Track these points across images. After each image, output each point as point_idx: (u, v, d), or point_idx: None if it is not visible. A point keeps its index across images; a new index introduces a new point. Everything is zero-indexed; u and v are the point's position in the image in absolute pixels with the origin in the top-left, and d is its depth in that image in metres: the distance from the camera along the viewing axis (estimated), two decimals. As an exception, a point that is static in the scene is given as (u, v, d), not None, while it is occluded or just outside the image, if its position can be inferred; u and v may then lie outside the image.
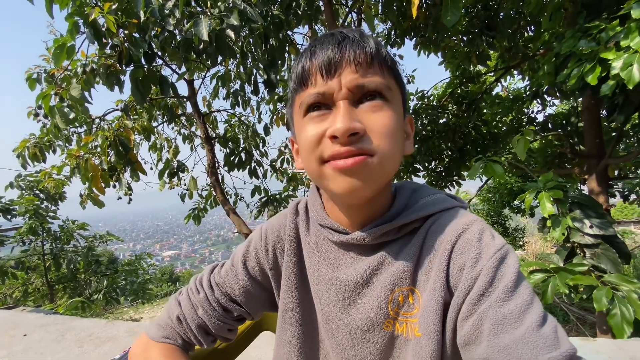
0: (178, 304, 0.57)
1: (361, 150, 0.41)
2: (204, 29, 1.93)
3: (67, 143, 3.47)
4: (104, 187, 3.17)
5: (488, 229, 0.45)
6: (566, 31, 2.03)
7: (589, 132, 2.87)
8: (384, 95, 0.44)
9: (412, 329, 0.45)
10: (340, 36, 0.45)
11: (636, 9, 1.41)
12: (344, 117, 0.41)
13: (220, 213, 30.65)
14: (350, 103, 0.43)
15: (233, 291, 0.57)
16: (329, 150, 0.42)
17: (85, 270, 5.16)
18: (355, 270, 0.49)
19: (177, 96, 3.07)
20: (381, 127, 0.43)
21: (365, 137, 0.42)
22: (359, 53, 0.43)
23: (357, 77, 0.43)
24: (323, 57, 0.44)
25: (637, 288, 1.49)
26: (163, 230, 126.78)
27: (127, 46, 2.27)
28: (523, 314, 0.37)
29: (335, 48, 0.44)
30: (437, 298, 0.43)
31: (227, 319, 0.56)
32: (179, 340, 0.56)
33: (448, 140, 4.37)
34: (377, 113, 0.43)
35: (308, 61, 0.45)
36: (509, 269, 0.40)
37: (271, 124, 4.00)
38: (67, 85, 2.49)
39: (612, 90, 1.69)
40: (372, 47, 0.44)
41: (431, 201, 0.50)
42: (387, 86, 0.44)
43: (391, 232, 0.48)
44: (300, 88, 0.46)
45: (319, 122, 0.44)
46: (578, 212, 1.93)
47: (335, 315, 0.51)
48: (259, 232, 0.59)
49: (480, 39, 3.66)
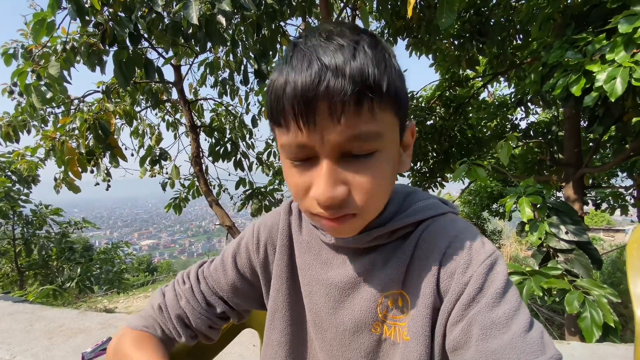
0: (162, 294, 0.56)
1: (345, 212, 0.40)
2: (194, 12, 1.86)
3: (42, 124, 3.31)
4: (80, 172, 3.04)
5: (479, 235, 0.46)
6: (554, 41, 2.08)
7: (568, 141, 2.98)
8: (374, 147, 0.38)
9: (400, 333, 0.45)
10: (321, 63, 0.34)
11: (623, 24, 1.45)
12: (327, 185, 0.37)
13: (202, 204, 30.40)
14: (334, 161, 0.37)
15: (220, 286, 0.55)
16: (314, 208, 0.40)
17: (58, 257, 4.95)
18: (346, 271, 0.49)
19: (162, 81, 2.97)
20: (367, 190, 0.39)
21: (349, 198, 0.39)
22: (342, 96, 0.34)
23: (342, 130, 0.35)
24: (299, 94, 0.35)
25: (607, 293, 1.56)
26: (142, 218, 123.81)
27: (112, 25, 2.17)
28: (511, 320, 0.37)
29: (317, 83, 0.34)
30: (426, 303, 0.43)
31: (210, 314, 0.55)
32: (158, 331, 0.54)
33: (434, 142, 4.43)
34: (365, 172, 0.38)
35: (281, 95, 0.36)
36: (498, 276, 0.41)
37: (259, 116, 3.94)
38: (46, 62, 2.36)
39: (594, 102, 1.75)
40: (361, 76, 0.34)
41: (424, 206, 0.50)
42: (378, 133, 0.37)
43: (383, 235, 0.48)
44: (277, 125, 0.39)
45: (304, 173, 0.40)
46: (555, 218, 1.99)
47: (325, 316, 0.50)
48: (252, 230, 0.58)
49: (471, 43, 3.72)
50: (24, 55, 2.70)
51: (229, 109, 4.05)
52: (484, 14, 3.62)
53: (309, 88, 0.34)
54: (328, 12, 2.96)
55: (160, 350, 0.51)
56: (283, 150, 0.40)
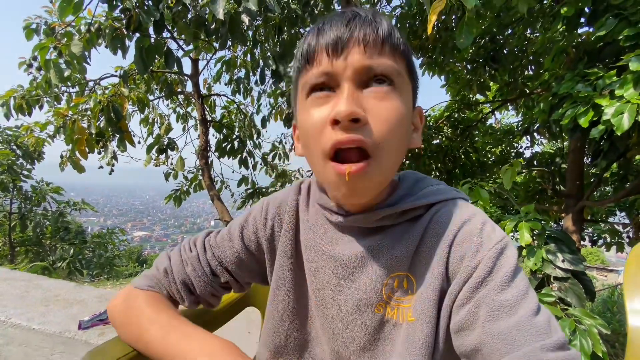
0: (168, 258, 0.57)
1: (361, 142, 0.40)
2: (221, 8, 1.91)
3: (56, 101, 3.35)
4: (87, 152, 3.06)
5: (489, 221, 0.46)
6: (566, 73, 2.13)
7: (571, 173, 3.01)
8: (392, 81, 0.42)
9: (404, 314, 0.46)
10: (351, 14, 0.42)
11: (634, 62, 1.50)
12: (347, 101, 0.39)
13: (199, 201, 30.23)
14: (355, 85, 0.41)
15: (225, 256, 0.56)
16: (331, 139, 0.40)
17: (52, 236, 4.93)
18: (352, 249, 0.49)
19: (180, 72, 3.02)
20: (385, 118, 0.41)
21: (367, 127, 0.40)
22: (369, 33, 0.41)
23: (365, 58, 0.41)
24: (330, 36, 0.41)
25: (597, 324, 1.56)
26: (137, 209, 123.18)
27: (138, 12, 2.22)
28: (519, 303, 0.38)
29: (344, 26, 0.41)
30: (434, 285, 0.44)
31: (214, 283, 0.55)
32: (164, 292, 0.55)
33: (438, 162, 4.47)
34: (383, 101, 0.41)
35: (315, 39, 0.43)
36: (508, 260, 0.41)
37: (269, 117, 3.98)
38: (68, 41, 2.41)
39: (600, 135, 1.78)
40: (385, 28, 0.42)
41: (435, 190, 0.50)
42: (397, 71, 0.42)
43: (392, 216, 0.48)
44: (304, 67, 0.44)
45: (322, 105, 0.42)
46: (553, 246, 2.01)
47: (328, 292, 0.50)
48: (260, 205, 0.59)
49: (484, 69, 3.78)
50: (46, 32, 2.74)
51: (241, 108, 4.10)
52: (499, 41, 3.70)
53: (342, 30, 0.41)
54: (348, 23, 3.03)
55: (175, 310, 0.52)
56: (304, 87, 0.44)
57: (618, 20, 1.71)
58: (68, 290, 1.34)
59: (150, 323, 0.48)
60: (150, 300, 0.52)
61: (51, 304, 1.20)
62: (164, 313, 0.50)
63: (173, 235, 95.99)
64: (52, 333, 1.08)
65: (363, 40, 0.41)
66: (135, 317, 0.50)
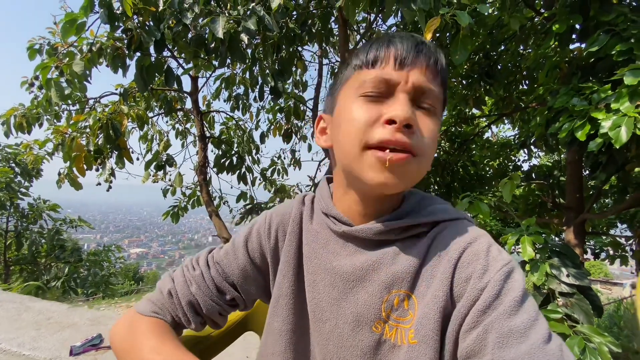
0: (171, 279, 0.55)
1: (410, 146, 0.43)
2: (221, 27, 1.95)
3: (55, 119, 3.36)
4: (85, 169, 3.05)
5: (495, 243, 0.46)
6: (561, 88, 2.16)
7: (570, 185, 3.00)
8: (435, 106, 0.47)
9: (404, 336, 0.44)
10: (419, 39, 0.47)
11: (629, 76, 1.52)
12: (406, 106, 0.43)
13: (197, 216, 30.12)
14: (409, 99, 0.45)
15: (231, 270, 0.55)
16: (380, 134, 0.43)
17: (48, 254, 4.84)
18: (354, 262, 0.48)
19: (180, 90, 3.05)
20: (429, 132, 0.45)
21: (415, 135, 0.44)
22: (432, 60, 0.46)
23: (425, 80, 0.45)
24: (402, 49, 0.45)
25: (608, 342, 1.52)
26: (135, 225, 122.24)
27: (140, 32, 2.27)
28: (529, 329, 0.37)
29: (414, 47, 0.46)
30: (438, 306, 0.42)
31: (220, 301, 0.54)
32: (168, 317, 0.53)
33: (437, 175, 4.47)
34: (428, 119, 0.46)
35: (384, 46, 0.46)
36: (516, 284, 0.40)
37: (268, 133, 4.01)
38: (70, 60, 2.44)
39: (598, 148, 1.79)
40: (442, 61, 0.47)
41: (441, 209, 0.50)
42: (440, 99, 0.48)
43: (395, 231, 0.47)
44: (366, 66, 0.47)
45: (375, 106, 0.45)
46: (556, 260, 1.98)
47: (326, 306, 0.49)
48: (264, 216, 0.58)
49: (479, 84, 3.85)
50: (48, 52, 2.79)
51: (239, 124, 4.13)
52: (493, 57, 3.77)
53: (412, 48, 0.46)
54: (347, 42, 3.09)
55: (178, 340, 0.50)
56: (362, 84, 0.47)
57: (610, 36, 1.75)
58: (60, 313, 1.29)
59: (154, 353, 0.46)
60: (154, 329, 0.50)
61: (42, 328, 1.16)
62: (168, 343, 0.48)
63: (170, 252, 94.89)
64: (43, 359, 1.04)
65: (426, 65, 0.46)
66: (139, 345, 0.48)
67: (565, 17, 2.09)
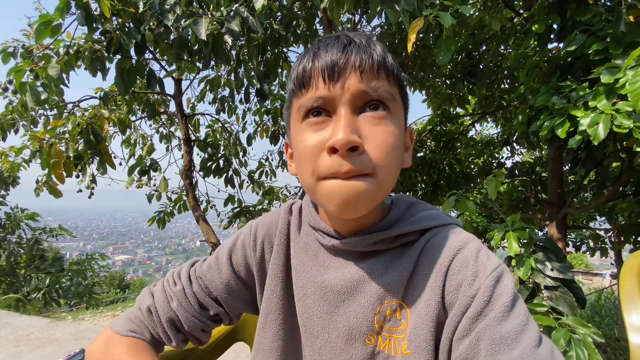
0: (151, 295, 0.52)
1: (359, 171, 0.39)
2: (203, 29, 1.92)
3: (32, 125, 3.24)
4: (64, 176, 2.95)
5: (484, 247, 0.46)
6: (541, 86, 2.22)
7: (552, 181, 3.09)
8: (387, 106, 0.43)
9: (397, 347, 0.43)
10: (346, 40, 0.43)
11: (605, 75, 1.57)
12: (345, 129, 0.39)
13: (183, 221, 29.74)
14: (351, 111, 0.41)
15: (214, 285, 0.53)
16: (326, 167, 0.40)
17: (27, 265, 4.65)
18: (344, 275, 0.47)
19: (163, 93, 2.99)
20: (381, 143, 0.41)
21: (364, 154, 0.40)
22: (365, 59, 0.41)
23: (362, 83, 0.41)
24: (327, 60, 0.41)
25: (591, 332, 1.56)
26: (119, 232, 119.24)
27: (119, 34, 2.20)
28: (520, 334, 0.37)
29: (341, 52, 0.41)
30: (430, 315, 0.42)
31: (203, 317, 0.52)
32: (147, 335, 0.50)
33: (424, 174, 4.53)
34: (379, 127, 0.41)
35: (310, 62, 0.43)
36: (506, 289, 0.40)
37: (254, 135, 3.97)
38: (46, 63, 2.35)
39: (578, 145, 1.84)
40: (379, 53, 0.43)
41: (428, 216, 0.50)
42: (392, 96, 0.43)
43: (385, 241, 0.47)
44: (299, 90, 0.43)
45: (318, 131, 0.42)
46: (541, 254, 2.03)
47: (317, 320, 0.48)
48: (249, 227, 0.56)
49: (462, 83, 3.91)
50: (23, 55, 2.68)
51: (225, 126, 4.08)
52: (475, 57, 3.85)
53: (338, 55, 0.41)
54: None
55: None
56: (300, 111, 0.44)
57: (587, 35, 1.80)
58: (41, 328, 1.24)
59: None
60: (130, 349, 0.48)
61: (22, 344, 1.11)
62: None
63: (157, 258, 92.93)
64: (22, 377, 0.99)
65: (359, 67, 0.41)
66: None
67: (543, 18, 2.15)
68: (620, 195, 2.69)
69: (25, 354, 1.04)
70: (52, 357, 1.00)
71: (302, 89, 0.43)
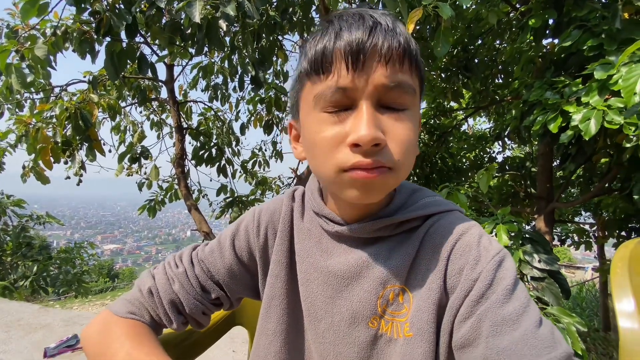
0: (152, 277, 0.52)
1: (381, 164, 0.39)
2: (197, 12, 1.87)
3: (18, 108, 3.14)
4: (52, 162, 2.88)
5: (485, 233, 0.47)
6: (535, 81, 2.24)
7: (541, 176, 3.15)
8: (408, 101, 0.41)
9: (399, 329, 0.44)
10: (372, 21, 0.39)
11: (599, 71, 1.59)
12: (369, 125, 0.38)
13: (174, 210, 29.46)
14: (373, 104, 0.39)
15: (216, 269, 0.53)
16: (350, 159, 0.39)
17: (14, 252, 4.55)
18: (347, 260, 0.48)
19: (155, 78, 2.92)
20: (402, 141, 0.40)
21: (385, 149, 0.40)
22: (392, 47, 0.38)
23: (387, 74, 0.38)
24: (351, 44, 0.38)
25: (575, 322, 1.61)
26: (108, 221, 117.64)
27: (109, 15, 2.13)
28: (521, 316, 0.38)
29: (367, 35, 0.38)
30: (432, 299, 0.43)
31: (204, 300, 0.52)
32: (147, 317, 0.50)
33: (416, 167, 4.56)
34: (399, 122, 0.40)
35: (332, 42, 0.39)
36: (508, 272, 0.41)
37: (248, 124, 3.92)
38: (32, 44, 2.27)
39: (569, 140, 1.87)
40: (405, 39, 0.39)
41: (431, 202, 0.50)
42: (413, 89, 0.41)
43: (388, 227, 0.47)
44: (316, 75, 0.40)
45: (338, 123, 0.40)
46: (529, 247, 2.08)
47: (320, 304, 0.48)
48: (252, 213, 0.56)
49: (457, 77, 3.92)
50: (8, 35, 2.59)
51: (218, 114, 4.02)
52: (471, 51, 3.85)
53: (362, 38, 0.38)
54: (327, 31, 3.05)
55: (156, 342, 0.47)
56: (318, 100, 0.41)
57: (582, 31, 1.81)
58: (31, 314, 1.22)
59: (129, 358, 0.44)
60: (130, 331, 0.47)
61: (12, 329, 1.09)
62: (145, 347, 0.45)
63: (146, 248, 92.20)
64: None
65: (386, 54, 0.38)
66: (113, 351, 0.45)
67: (540, 12, 2.16)
68: (606, 190, 2.76)
69: (16, 339, 1.03)
70: (44, 342, 0.99)
71: (320, 73, 0.40)
